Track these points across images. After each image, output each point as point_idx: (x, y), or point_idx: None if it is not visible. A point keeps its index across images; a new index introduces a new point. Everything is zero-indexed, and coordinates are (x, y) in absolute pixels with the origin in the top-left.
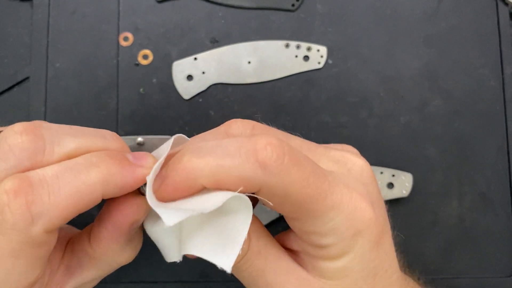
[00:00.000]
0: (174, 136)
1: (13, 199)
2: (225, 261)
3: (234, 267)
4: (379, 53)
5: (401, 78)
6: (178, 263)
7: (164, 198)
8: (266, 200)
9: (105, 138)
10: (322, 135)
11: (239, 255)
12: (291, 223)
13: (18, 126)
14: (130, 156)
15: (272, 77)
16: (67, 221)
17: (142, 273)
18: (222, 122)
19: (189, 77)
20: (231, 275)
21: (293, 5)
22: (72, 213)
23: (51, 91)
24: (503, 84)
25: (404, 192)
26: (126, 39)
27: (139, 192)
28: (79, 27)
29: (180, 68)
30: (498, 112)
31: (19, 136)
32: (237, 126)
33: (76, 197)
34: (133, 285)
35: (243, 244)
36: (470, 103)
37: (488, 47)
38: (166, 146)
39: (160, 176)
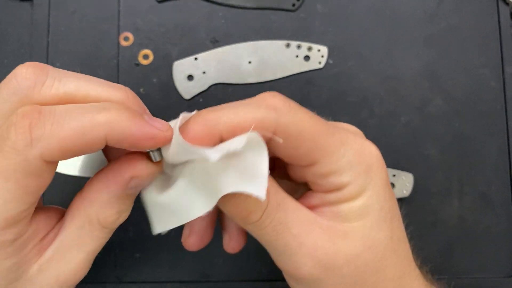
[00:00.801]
0: (182, 114)
1: (20, 120)
2: (258, 189)
3: (256, 225)
4: (380, 53)
5: (401, 78)
6: (178, 263)
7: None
8: (280, 142)
9: (110, 87)
10: None
11: (260, 208)
12: (308, 172)
13: (29, 62)
14: (146, 116)
15: (272, 77)
16: (66, 157)
17: (142, 273)
18: None
19: (190, 77)
20: (231, 275)
21: (293, 5)
22: (71, 147)
23: None
24: (504, 84)
25: (404, 192)
26: (126, 39)
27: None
28: (80, 27)
29: (181, 68)
30: (499, 112)
31: (25, 68)
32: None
33: (78, 131)
34: (133, 285)
35: (264, 197)
36: (470, 103)
37: (489, 47)
38: (176, 120)
39: (183, 126)
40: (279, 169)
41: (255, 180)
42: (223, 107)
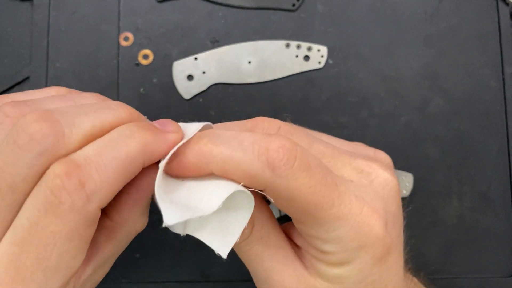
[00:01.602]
0: (204, 123)
1: (67, 181)
2: (221, 249)
3: (235, 246)
4: (380, 53)
5: (401, 78)
6: (178, 263)
7: (173, 173)
8: (271, 199)
9: (113, 109)
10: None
11: (241, 236)
12: (295, 223)
13: (31, 115)
14: (156, 124)
15: (272, 77)
16: (116, 193)
17: (142, 273)
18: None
19: (190, 77)
20: (231, 275)
21: (293, 5)
22: (120, 186)
23: None
24: (504, 84)
25: (404, 192)
26: (126, 39)
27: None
28: (80, 27)
29: (181, 68)
30: (499, 112)
31: (36, 124)
32: (263, 126)
33: (122, 169)
34: (133, 285)
35: (247, 229)
36: (470, 103)
37: (489, 47)
38: (195, 127)
39: (177, 152)
40: None
41: (225, 237)
42: (223, 140)
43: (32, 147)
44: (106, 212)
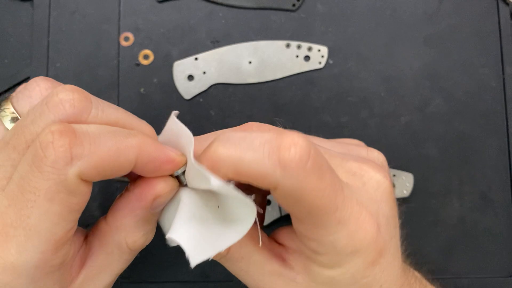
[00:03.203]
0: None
1: (58, 138)
2: (193, 258)
3: (219, 261)
4: (380, 53)
5: (401, 78)
6: (178, 263)
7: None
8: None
9: (140, 121)
10: (322, 135)
11: (218, 255)
12: (294, 222)
13: (70, 86)
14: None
15: (272, 77)
16: (99, 178)
17: (142, 273)
18: (223, 122)
19: (190, 77)
20: (231, 275)
21: (293, 5)
22: (106, 167)
23: None
24: (504, 84)
25: (405, 192)
26: (126, 39)
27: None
28: (80, 27)
29: (181, 68)
30: (499, 112)
31: (71, 93)
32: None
33: (114, 153)
34: (133, 285)
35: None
36: (470, 103)
37: (489, 47)
38: (186, 139)
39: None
40: None
41: (203, 251)
42: (233, 142)
43: (57, 110)
44: (106, 216)
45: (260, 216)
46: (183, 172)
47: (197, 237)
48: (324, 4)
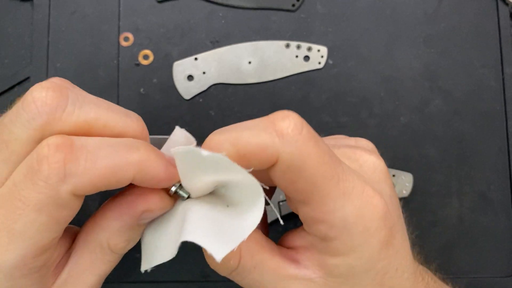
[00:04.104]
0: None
1: (53, 153)
2: (218, 252)
3: (231, 276)
4: (379, 53)
5: (401, 78)
6: (178, 263)
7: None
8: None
9: (128, 117)
10: (322, 135)
11: (226, 269)
12: (300, 210)
13: (47, 83)
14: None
15: (272, 77)
16: (94, 192)
17: (142, 273)
18: (223, 122)
19: (190, 77)
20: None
21: (293, 5)
22: (101, 185)
23: None
24: (503, 84)
25: (404, 192)
26: (126, 39)
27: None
28: (80, 27)
29: (181, 68)
30: (498, 112)
31: (44, 91)
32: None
33: (110, 170)
34: (133, 285)
35: (232, 260)
36: (470, 103)
37: (488, 47)
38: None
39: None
40: None
41: (224, 244)
42: (228, 129)
43: (30, 109)
44: (95, 213)
45: (264, 218)
46: (181, 186)
47: (213, 234)
48: (324, 4)
